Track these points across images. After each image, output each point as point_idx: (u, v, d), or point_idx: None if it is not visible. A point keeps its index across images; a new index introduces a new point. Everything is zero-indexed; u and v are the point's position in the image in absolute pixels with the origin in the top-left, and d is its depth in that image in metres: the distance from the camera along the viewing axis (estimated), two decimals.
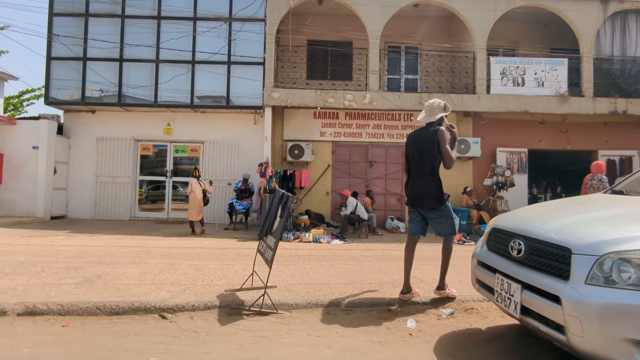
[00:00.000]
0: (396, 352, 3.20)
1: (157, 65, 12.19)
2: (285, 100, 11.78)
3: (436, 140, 4.20)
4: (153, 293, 4.33)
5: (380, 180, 13.05)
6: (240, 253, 7.03)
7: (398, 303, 4.32)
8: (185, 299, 4.12)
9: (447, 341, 3.46)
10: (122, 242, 7.94)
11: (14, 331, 3.43)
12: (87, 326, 3.59)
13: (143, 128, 12.88)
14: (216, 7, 12.23)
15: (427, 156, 4.26)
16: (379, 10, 11.96)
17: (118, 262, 5.85)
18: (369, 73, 12.04)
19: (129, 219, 12.64)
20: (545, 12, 12.46)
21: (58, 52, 12.13)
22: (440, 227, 4.37)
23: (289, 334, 3.54)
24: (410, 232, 4.53)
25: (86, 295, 4.17)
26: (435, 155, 4.23)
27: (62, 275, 5.01)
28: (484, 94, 12.01)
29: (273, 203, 4.50)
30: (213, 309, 4.01)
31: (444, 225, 4.35)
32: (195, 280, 4.95)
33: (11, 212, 11.70)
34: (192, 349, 3.16)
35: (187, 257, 6.50)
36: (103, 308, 3.87)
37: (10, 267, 5.34)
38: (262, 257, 4.44)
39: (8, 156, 11.82)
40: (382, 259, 6.84)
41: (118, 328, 3.57)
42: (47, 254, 6.28)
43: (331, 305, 4.21)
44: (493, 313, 4.16)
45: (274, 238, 4.15)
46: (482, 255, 3.34)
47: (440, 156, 4.23)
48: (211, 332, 3.52)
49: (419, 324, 3.84)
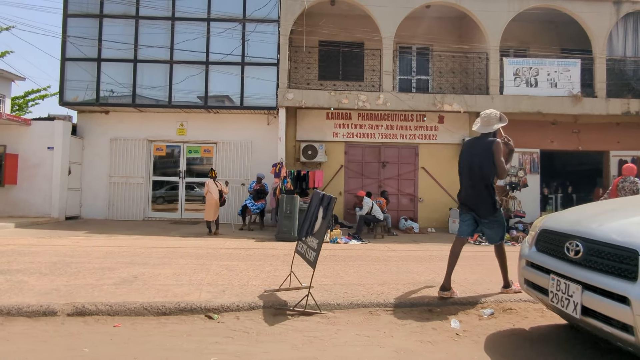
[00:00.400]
0: (449, 352, 3.24)
1: (171, 66, 12.23)
2: (300, 101, 11.83)
3: (491, 152, 4.34)
4: (194, 294, 4.37)
5: (393, 180, 13.10)
6: (265, 254, 7.08)
7: (437, 302, 4.36)
8: (228, 300, 4.16)
9: (495, 341, 3.50)
10: (145, 242, 7.98)
11: (68, 331, 3.47)
12: (137, 326, 3.63)
13: (156, 128, 12.92)
14: (230, 8, 12.26)
15: (482, 166, 4.41)
16: (392, 11, 12.01)
17: (149, 263, 5.89)
18: (383, 74, 12.08)
19: (142, 219, 12.68)
20: (556, 13, 12.52)
21: (72, 53, 12.16)
22: (491, 232, 4.55)
23: (338, 334, 3.58)
24: (461, 233, 4.67)
25: (129, 296, 4.21)
26: (490, 165, 4.38)
27: (98, 275, 5.05)
28: (497, 94, 12.06)
29: (312, 204, 4.54)
30: (257, 309, 4.05)
31: (495, 230, 4.53)
32: (232, 281, 4.99)
33: (26, 212, 11.74)
34: (248, 349, 3.21)
35: (215, 257, 6.54)
36: (150, 308, 3.91)
37: (45, 267, 5.38)
38: (303, 258, 4.48)
39: (23, 157, 11.85)
40: (407, 260, 6.88)
41: (168, 328, 3.61)
42: (76, 255, 6.32)
43: (372, 305, 4.25)
44: (532, 313, 4.21)
45: (316, 239, 4.20)
46: (531, 257, 3.38)
47: (494, 167, 4.37)
48: (261, 332, 3.56)
49: (462, 324, 3.89)
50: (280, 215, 9.75)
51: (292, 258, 4.87)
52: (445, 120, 13.02)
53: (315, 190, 4.81)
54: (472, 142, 4.68)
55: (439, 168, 13.03)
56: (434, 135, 13.08)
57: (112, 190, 12.74)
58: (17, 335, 3.33)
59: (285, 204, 9.70)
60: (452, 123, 13.02)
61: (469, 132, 13.05)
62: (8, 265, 5.44)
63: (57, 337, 3.34)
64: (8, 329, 3.46)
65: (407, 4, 12.08)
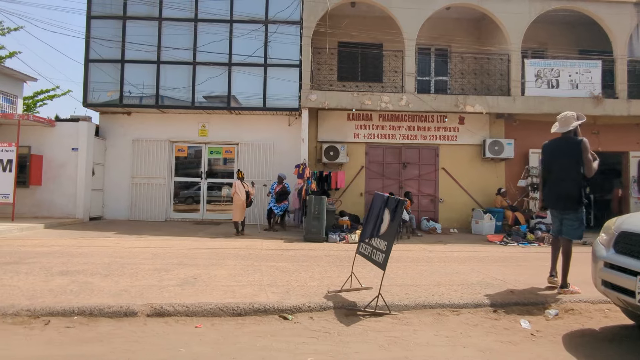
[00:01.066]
0: (533, 353, 3.31)
1: (194, 67, 12.30)
2: (323, 102, 11.89)
3: (579, 149, 4.62)
4: (261, 294, 4.43)
5: (414, 181, 13.17)
6: (306, 255, 7.14)
7: (499, 302, 4.43)
8: (297, 301, 4.23)
9: (572, 341, 3.57)
10: (183, 244, 8.03)
11: (154, 332, 3.53)
12: (217, 327, 3.69)
13: (178, 130, 12.99)
14: (252, 9, 12.32)
15: (571, 163, 4.67)
16: (415, 13, 12.07)
17: (199, 264, 5.95)
18: (405, 75, 12.15)
19: (164, 219, 12.74)
20: (574, 14, 12.60)
21: (96, 55, 12.21)
22: (571, 229, 4.75)
23: (416, 334, 3.65)
24: (553, 232, 5.07)
25: (198, 297, 4.27)
26: (578, 162, 4.64)
27: (157, 276, 5.11)
28: (519, 95, 12.13)
29: (374, 206, 4.61)
30: (329, 310, 4.12)
31: (576, 227, 4.73)
32: (289, 282, 5.05)
33: (51, 212, 11.79)
34: (337, 348, 3.27)
35: (259, 258, 6.60)
36: (225, 309, 3.97)
37: (102, 268, 5.44)
38: (369, 259, 4.54)
39: (47, 158, 11.91)
40: (447, 261, 6.95)
41: (249, 329, 3.68)
42: (124, 256, 6.38)
43: (438, 306, 4.32)
44: (595, 314, 4.28)
45: (385, 241, 4.26)
46: (612, 258, 3.45)
47: (582, 164, 4.61)
48: (342, 332, 3.63)
49: (532, 324, 3.96)
50: (308, 216, 9.81)
51: (353, 260, 4.94)
52: (466, 121, 13.09)
53: (376, 193, 4.88)
54: (556, 143, 4.94)
55: (459, 169, 13.11)
56: (454, 136, 13.15)
57: (134, 191, 12.80)
58: (107, 336, 3.39)
59: (313, 205, 9.75)
60: (472, 124, 13.09)
61: (489, 132, 13.14)
62: (65, 266, 5.50)
63: (145, 337, 3.40)
64: (95, 329, 3.52)
65: (429, 6, 12.15)
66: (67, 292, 4.32)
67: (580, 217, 4.74)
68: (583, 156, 4.64)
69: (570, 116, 4.90)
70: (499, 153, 12.64)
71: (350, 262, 6.60)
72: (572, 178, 4.68)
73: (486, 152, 12.72)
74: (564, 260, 4.78)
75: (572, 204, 4.68)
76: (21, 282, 4.66)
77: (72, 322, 3.62)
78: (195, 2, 12.31)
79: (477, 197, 13.01)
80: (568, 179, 4.68)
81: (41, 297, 4.09)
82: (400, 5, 12.07)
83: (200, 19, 12.32)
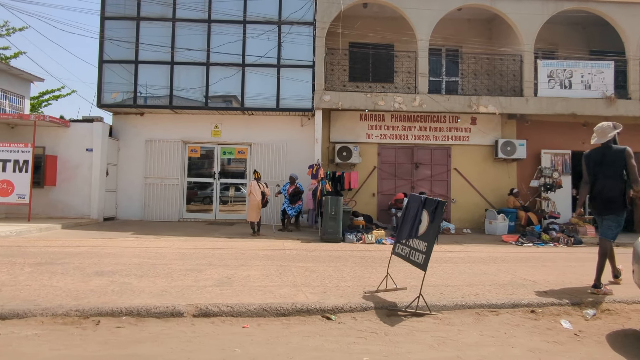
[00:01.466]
0: (582, 352, 3.35)
1: (207, 67, 12.32)
2: (336, 103, 11.93)
3: (623, 157, 4.79)
4: (299, 295, 4.47)
5: (426, 182, 13.21)
6: (330, 255, 7.18)
7: (536, 302, 4.46)
8: (337, 301, 4.26)
9: (617, 341, 3.61)
10: (205, 244, 8.05)
11: (203, 332, 3.56)
12: (264, 327, 3.73)
13: (191, 130, 13.01)
14: (265, 10, 12.34)
15: (615, 171, 4.83)
16: (428, 13, 12.12)
17: (229, 264, 5.99)
18: (418, 76, 12.19)
19: (177, 220, 12.77)
20: (585, 15, 12.65)
21: (110, 55, 12.24)
22: (607, 230, 4.92)
23: (461, 334, 3.68)
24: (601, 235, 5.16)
25: (238, 297, 4.31)
26: (622, 170, 4.81)
27: (192, 277, 5.14)
28: (532, 96, 12.18)
29: (410, 207, 4.64)
30: (370, 310, 4.16)
31: (612, 228, 4.89)
32: (323, 282, 5.09)
33: (65, 213, 11.81)
34: (389, 348, 3.31)
35: (286, 259, 6.64)
36: (269, 310, 4.01)
37: (135, 269, 5.47)
38: (407, 260, 4.58)
39: (62, 158, 11.93)
40: (471, 261, 6.99)
41: (295, 329, 3.71)
42: (152, 256, 6.41)
43: (476, 307, 4.36)
44: (633, 314, 4.33)
45: (424, 241, 4.30)
46: None
47: (626, 171, 4.78)
48: (389, 332, 3.67)
49: (572, 324, 3.99)
50: (325, 216, 9.83)
51: (389, 260, 4.97)
52: (478, 121, 13.14)
53: (412, 193, 4.91)
54: (598, 152, 5.03)
55: (471, 169, 13.15)
56: (467, 137, 13.19)
57: (147, 192, 12.82)
58: (159, 336, 3.42)
59: (330, 205, 9.78)
60: (484, 124, 13.13)
61: (501, 133, 13.19)
62: (98, 267, 5.53)
63: (197, 337, 3.43)
64: (146, 329, 3.55)
65: (442, 6, 12.20)
66: (108, 292, 4.35)
67: (620, 220, 4.90)
68: (627, 163, 4.80)
69: (606, 127, 5.01)
70: (511, 153, 12.69)
71: (374, 262, 6.69)
72: (617, 185, 4.82)
73: (498, 152, 12.76)
74: (600, 260, 4.86)
75: (615, 208, 4.85)
76: (60, 282, 4.69)
77: (122, 322, 3.65)
78: (208, 3, 12.33)
79: (489, 197, 13.06)
80: (613, 186, 4.83)
81: (85, 298, 4.13)
82: (414, 5, 12.11)
83: (214, 20, 12.34)
